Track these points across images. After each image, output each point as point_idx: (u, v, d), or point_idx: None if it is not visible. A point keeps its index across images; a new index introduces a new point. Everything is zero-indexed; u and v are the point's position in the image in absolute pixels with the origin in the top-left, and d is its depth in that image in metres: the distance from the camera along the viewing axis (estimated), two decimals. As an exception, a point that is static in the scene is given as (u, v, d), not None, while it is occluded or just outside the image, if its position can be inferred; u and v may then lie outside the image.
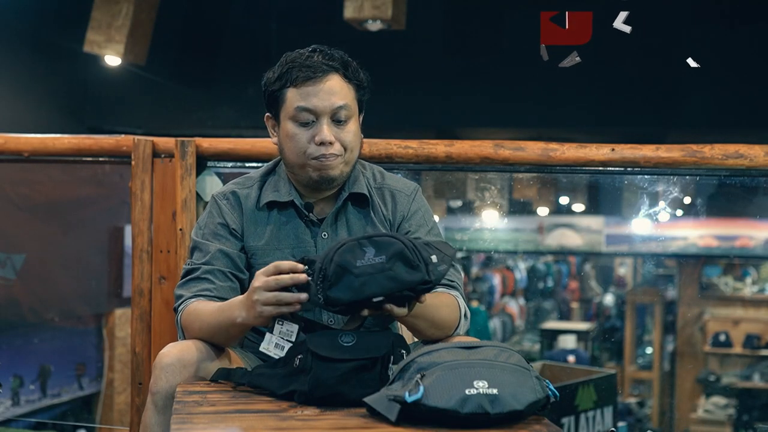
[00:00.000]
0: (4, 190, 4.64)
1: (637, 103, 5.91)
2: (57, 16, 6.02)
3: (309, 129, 1.75)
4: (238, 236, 1.82)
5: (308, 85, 1.74)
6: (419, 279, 1.46)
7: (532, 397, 1.36)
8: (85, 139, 2.50)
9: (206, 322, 1.67)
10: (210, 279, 1.75)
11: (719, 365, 7.53)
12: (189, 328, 1.71)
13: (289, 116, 1.77)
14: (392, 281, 1.45)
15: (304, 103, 1.74)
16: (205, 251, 1.79)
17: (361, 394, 1.40)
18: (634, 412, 7.30)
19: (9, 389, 4.67)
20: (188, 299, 1.73)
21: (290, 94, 1.76)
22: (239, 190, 1.86)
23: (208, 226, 1.82)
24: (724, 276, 7.84)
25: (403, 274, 1.45)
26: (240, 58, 6.35)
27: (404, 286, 1.45)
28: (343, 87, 1.77)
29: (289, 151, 1.78)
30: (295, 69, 1.75)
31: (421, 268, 1.46)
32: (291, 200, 1.82)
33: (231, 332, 1.65)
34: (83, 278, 5.38)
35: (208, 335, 1.68)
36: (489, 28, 5.94)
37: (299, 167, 1.78)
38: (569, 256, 10.11)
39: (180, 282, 1.79)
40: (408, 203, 1.86)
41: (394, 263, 1.45)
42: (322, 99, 1.74)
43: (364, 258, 1.45)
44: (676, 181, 2.61)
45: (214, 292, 1.73)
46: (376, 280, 1.45)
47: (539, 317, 9.45)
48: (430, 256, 1.48)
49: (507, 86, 6.12)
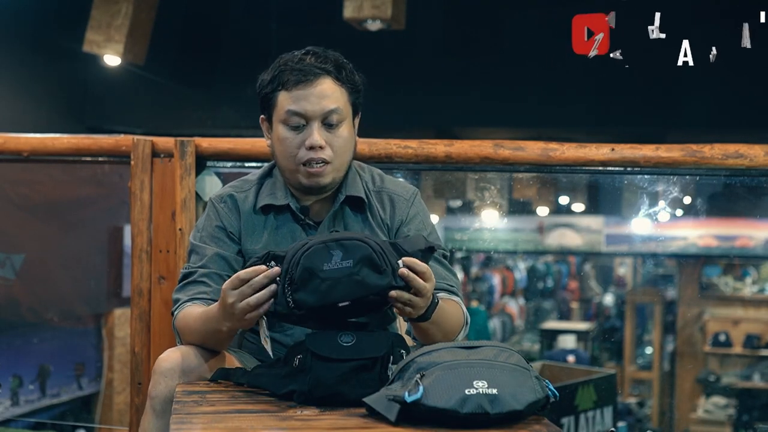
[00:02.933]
0: (4, 190, 4.64)
1: (637, 103, 5.90)
2: (57, 16, 6.02)
3: (300, 133, 1.73)
4: (236, 239, 1.81)
5: (299, 89, 1.72)
6: (386, 284, 1.44)
7: (532, 397, 1.35)
8: (84, 138, 2.50)
9: (194, 329, 1.66)
10: (206, 282, 1.74)
11: (719, 365, 7.53)
12: (183, 333, 1.70)
13: (280, 119, 1.75)
14: (359, 286, 1.44)
15: (295, 106, 1.72)
16: (201, 254, 1.78)
17: (360, 394, 1.39)
18: (634, 412, 7.30)
19: (8, 389, 4.66)
20: (184, 303, 1.72)
21: (282, 98, 1.74)
22: (236, 193, 1.85)
23: (206, 229, 1.81)
24: (724, 276, 7.85)
25: (369, 279, 1.44)
26: (240, 58, 6.35)
27: (371, 291, 1.44)
28: (335, 90, 1.74)
29: (281, 155, 1.77)
30: (287, 72, 1.73)
31: (388, 273, 1.45)
32: (287, 204, 1.81)
33: (219, 337, 1.63)
34: (83, 278, 5.37)
35: (199, 341, 1.67)
36: (489, 28, 5.94)
37: (290, 172, 1.77)
38: (569, 256, 10.11)
39: (177, 286, 1.78)
40: (407, 208, 1.85)
41: (362, 268, 1.44)
42: (312, 103, 1.72)
43: (331, 261, 1.44)
44: (676, 181, 2.61)
45: (210, 295, 1.72)
46: (342, 284, 1.44)
47: (539, 317, 9.46)
48: (398, 260, 1.47)
49: (507, 86, 6.12)
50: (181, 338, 1.72)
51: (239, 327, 1.58)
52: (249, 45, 6.29)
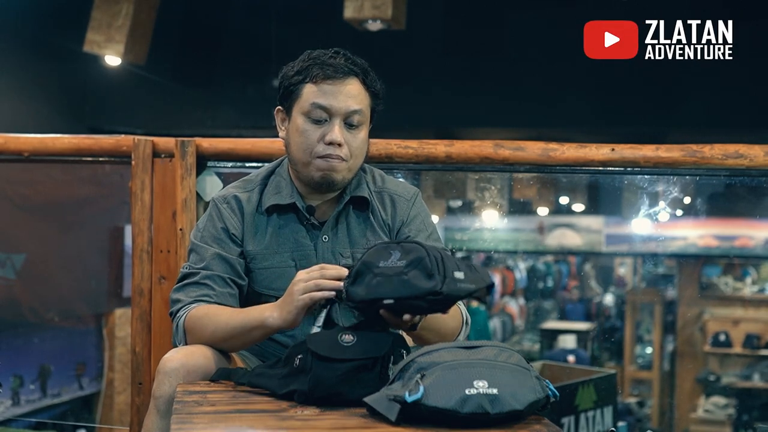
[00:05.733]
0: (4, 190, 4.65)
1: (637, 103, 5.91)
2: (57, 16, 6.03)
3: (320, 127, 1.74)
4: (238, 242, 1.80)
5: (328, 84, 1.73)
6: (429, 288, 1.42)
7: (532, 397, 1.36)
8: (85, 139, 2.50)
9: (224, 324, 1.64)
10: (209, 285, 1.73)
11: (719, 365, 7.53)
12: (196, 332, 1.68)
13: (302, 111, 1.75)
14: (404, 286, 1.43)
15: (321, 100, 1.73)
16: (203, 255, 1.77)
17: (361, 394, 1.39)
18: (634, 412, 7.30)
19: (9, 389, 4.67)
20: (188, 304, 1.71)
21: (307, 89, 1.75)
22: (240, 193, 1.84)
23: (208, 230, 1.80)
24: (723, 276, 7.84)
25: (416, 281, 1.43)
26: (240, 58, 6.36)
27: (415, 293, 1.42)
28: (360, 92, 1.76)
29: (296, 147, 1.77)
30: (317, 66, 1.74)
31: (437, 279, 1.42)
32: (293, 203, 1.80)
33: (253, 335, 1.63)
34: (83, 278, 5.38)
35: (222, 338, 1.65)
36: (489, 28, 5.94)
37: (303, 164, 1.77)
38: (569, 256, 10.11)
39: (177, 285, 1.76)
40: (408, 208, 1.85)
41: (412, 269, 1.44)
42: (339, 100, 1.73)
43: (388, 260, 1.46)
44: (676, 181, 2.61)
45: (214, 298, 1.72)
46: (390, 281, 1.44)
47: (539, 317, 9.45)
48: (455, 272, 1.44)
49: (507, 86, 6.12)
50: (188, 338, 1.69)
51: (282, 321, 1.57)
52: (249, 45, 6.30)
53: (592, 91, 5.90)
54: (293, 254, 1.79)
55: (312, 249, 1.79)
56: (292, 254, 1.79)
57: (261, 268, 1.79)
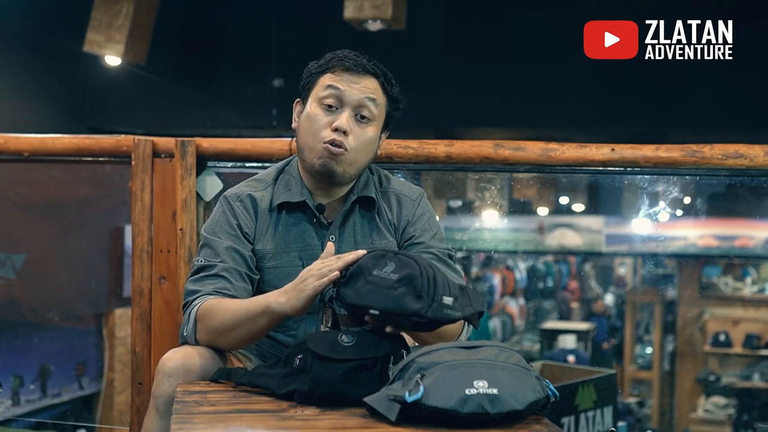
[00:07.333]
0: (4, 190, 4.65)
1: (637, 103, 5.90)
2: (57, 16, 6.03)
3: (330, 114, 1.76)
4: (250, 240, 1.80)
5: (345, 74, 1.77)
6: (415, 310, 1.43)
7: (532, 397, 1.36)
8: (85, 139, 2.50)
9: (231, 312, 1.63)
10: (227, 278, 1.72)
11: (719, 365, 7.53)
12: (205, 321, 1.66)
13: (316, 98, 1.78)
14: (391, 300, 1.44)
15: (335, 83, 1.76)
16: (217, 249, 1.76)
17: (361, 394, 1.39)
18: (634, 412, 7.30)
19: (9, 389, 4.67)
20: (206, 295, 1.70)
21: (324, 77, 1.78)
22: (254, 192, 1.84)
23: (221, 225, 1.80)
24: (723, 276, 7.84)
25: (404, 298, 1.43)
26: (240, 58, 6.35)
27: (399, 310, 1.43)
28: (376, 90, 1.79)
29: (304, 132, 1.79)
30: (339, 59, 1.78)
31: (424, 301, 1.43)
32: (302, 201, 1.81)
33: (259, 323, 1.61)
34: (83, 278, 5.38)
35: (229, 327, 1.64)
36: (489, 28, 5.94)
37: (308, 150, 1.78)
38: (569, 256, 10.11)
39: (192, 277, 1.75)
40: (413, 208, 1.86)
41: (402, 286, 1.44)
42: (353, 88, 1.76)
43: (382, 270, 1.46)
44: (676, 181, 2.61)
45: (231, 291, 1.71)
46: (379, 292, 1.45)
47: (539, 317, 9.45)
48: (444, 296, 1.45)
49: (507, 86, 6.12)
50: (198, 327, 1.67)
51: (289, 307, 1.57)
52: (249, 45, 6.30)
53: (592, 91, 5.90)
54: (301, 254, 1.80)
55: (319, 249, 1.79)
56: (299, 254, 1.80)
57: (269, 267, 1.80)
